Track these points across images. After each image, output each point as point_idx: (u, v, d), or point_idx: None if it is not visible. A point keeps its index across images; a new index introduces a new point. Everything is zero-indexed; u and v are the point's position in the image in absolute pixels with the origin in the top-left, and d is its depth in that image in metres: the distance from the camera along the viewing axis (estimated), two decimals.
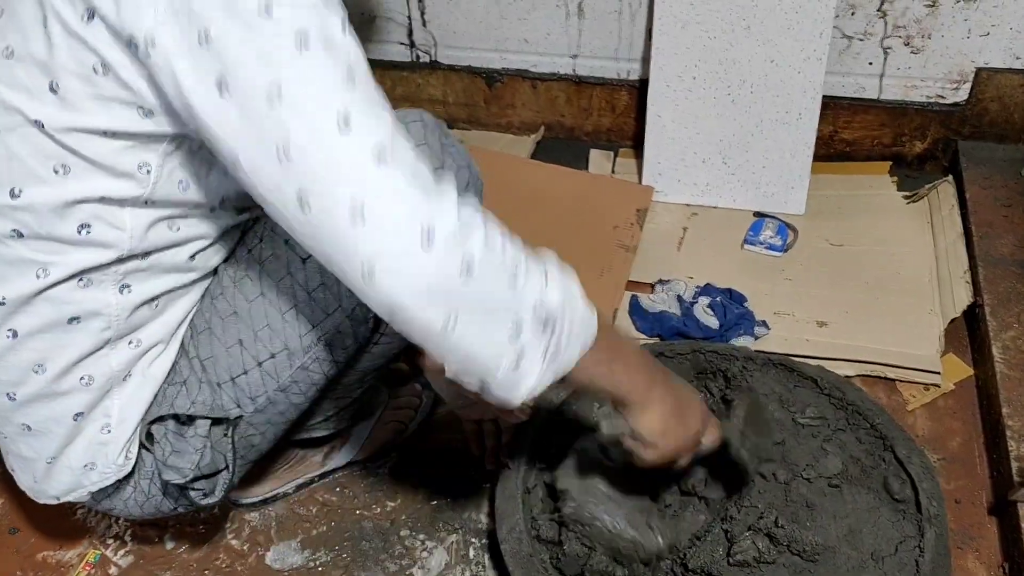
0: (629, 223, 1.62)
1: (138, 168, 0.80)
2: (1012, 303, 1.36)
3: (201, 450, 0.96)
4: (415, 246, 0.67)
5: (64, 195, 0.80)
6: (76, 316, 0.87)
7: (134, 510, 1.04)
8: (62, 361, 0.89)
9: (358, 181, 0.67)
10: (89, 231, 0.82)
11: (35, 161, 0.78)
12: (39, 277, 0.83)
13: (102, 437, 0.95)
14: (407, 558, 1.20)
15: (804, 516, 1.10)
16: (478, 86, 1.90)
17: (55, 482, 0.97)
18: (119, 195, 0.81)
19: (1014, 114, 1.63)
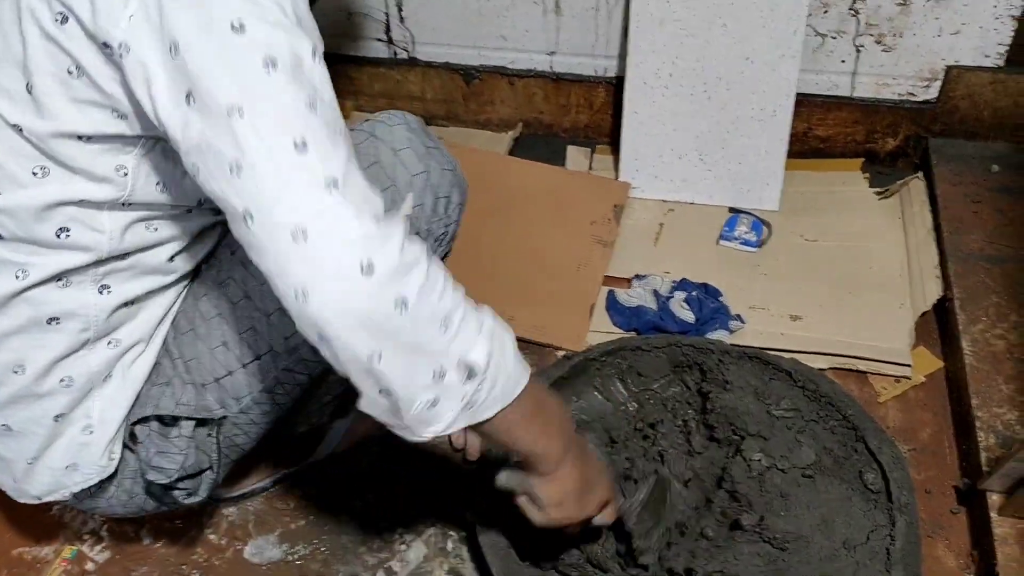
0: (606, 219, 1.63)
1: (115, 171, 0.81)
2: (981, 297, 1.39)
3: (186, 451, 0.96)
4: (353, 275, 0.67)
5: (43, 198, 0.80)
6: (55, 316, 0.87)
7: (117, 509, 1.04)
8: (41, 361, 0.88)
9: (305, 207, 0.67)
10: (68, 234, 0.82)
11: (14, 164, 0.78)
12: (18, 278, 0.83)
13: (84, 438, 0.95)
14: (386, 551, 1.20)
15: (778, 506, 1.12)
16: (456, 83, 1.90)
17: (36, 483, 0.97)
18: (97, 198, 0.81)
19: (983, 111, 1.65)
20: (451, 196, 0.99)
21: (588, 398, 1.29)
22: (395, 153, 0.95)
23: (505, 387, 0.77)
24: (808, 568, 1.07)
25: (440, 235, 0.99)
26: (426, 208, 0.96)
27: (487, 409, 0.76)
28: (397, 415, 0.75)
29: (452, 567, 1.18)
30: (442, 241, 1.00)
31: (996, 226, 1.50)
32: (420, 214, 0.96)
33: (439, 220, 0.98)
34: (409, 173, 0.95)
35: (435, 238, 0.98)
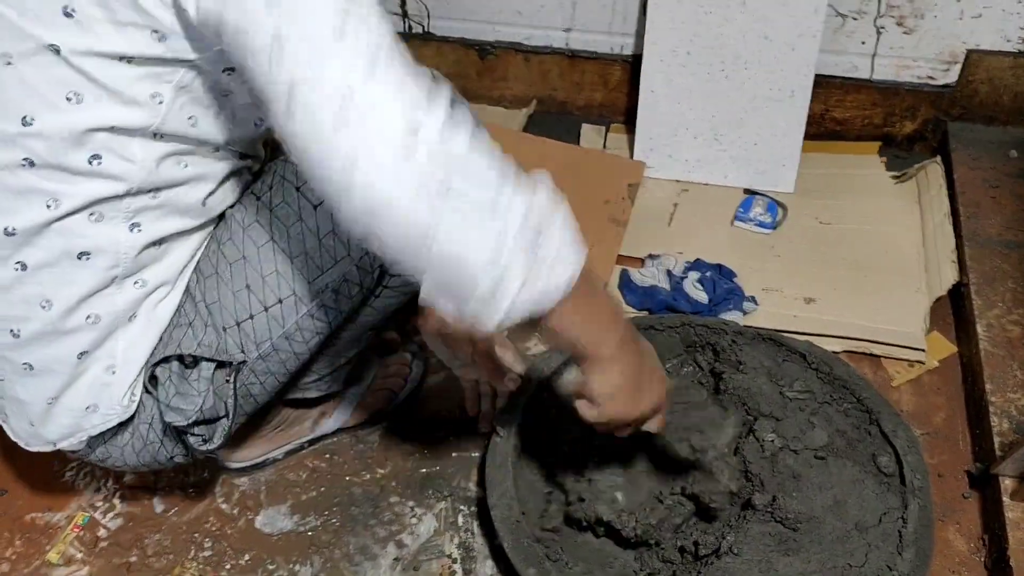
0: (620, 198, 1.62)
1: (151, 97, 0.81)
2: (997, 282, 1.38)
3: (204, 393, 0.97)
4: (398, 143, 0.66)
5: (76, 123, 0.80)
6: (86, 251, 0.87)
7: (130, 458, 1.04)
8: (69, 297, 0.89)
9: (348, 75, 0.66)
10: (100, 162, 0.82)
11: (48, 88, 0.78)
12: (49, 208, 0.83)
13: (106, 378, 0.95)
14: (396, 524, 1.21)
15: (790, 487, 1.12)
16: (471, 58, 1.89)
17: (53, 425, 0.97)
18: (130, 124, 0.82)
19: (1003, 96, 1.64)
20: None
21: None
22: None
23: (567, 255, 0.73)
24: (819, 549, 1.07)
25: None
26: None
27: (549, 282, 0.72)
28: (462, 298, 0.71)
29: (463, 541, 1.19)
30: None
31: (1014, 212, 1.49)
32: None
33: None
34: None
35: None
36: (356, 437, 1.31)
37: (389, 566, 1.17)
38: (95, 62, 0.77)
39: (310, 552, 1.18)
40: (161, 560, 1.18)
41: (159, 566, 1.18)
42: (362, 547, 1.19)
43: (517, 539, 1.05)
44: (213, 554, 1.19)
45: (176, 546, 1.20)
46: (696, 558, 1.08)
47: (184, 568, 1.17)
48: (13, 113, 0.79)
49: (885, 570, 1.01)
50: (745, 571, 1.05)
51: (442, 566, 1.16)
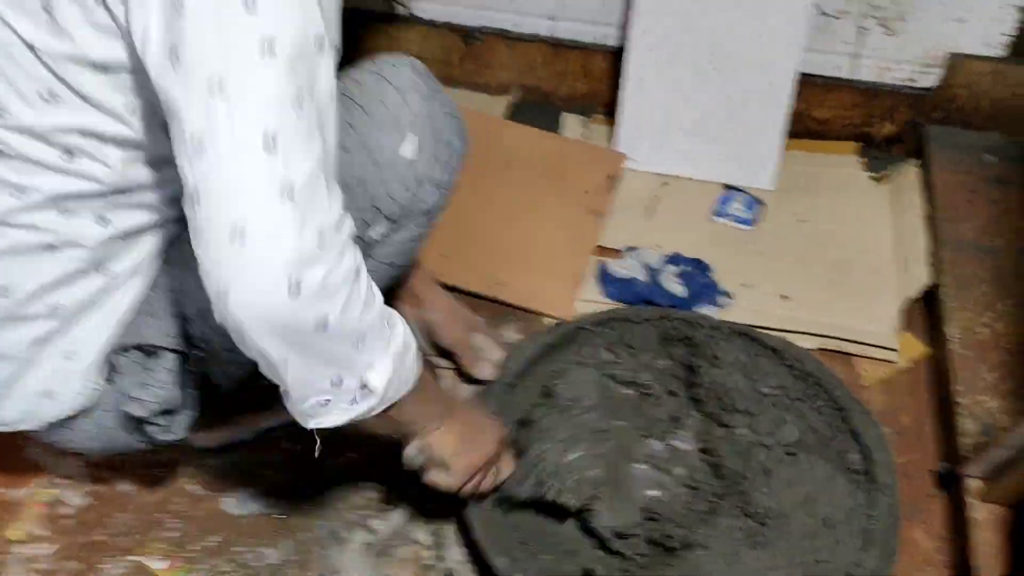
0: (600, 189, 1.62)
1: (125, 108, 0.79)
2: (971, 286, 1.40)
3: (165, 384, 0.95)
4: (279, 291, 0.68)
5: (50, 121, 0.78)
6: (52, 244, 0.85)
7: (84, 443, 1.02)
8: (30, 286, 0.87)
9: (252, 208, 0.67)
10: (72, 159, 0.81)
11: (23, 83, 0.76)
12: (14, 198, 0.81)
13: (62, 364, 0.94)
14: (368, 509, 1.20)
15: (760, 482, 1.13)
16: (455, 43, 1.87)
17: (7, 409, 0.95)
18: (104, 132, 0.80)
19: (982, 101, 1.65)
20: (452, 142, 0.98)
21: (574, 369, 1.28)
22: (400, 93, 0.94)
23: (396, 392, 0.83)
24: (787, 544, 1.08)
25: (439, 181, 0.97)
26: (427, 152, 0.95)
27: (374, 411, 0.83)
28: (289, 400, 0.81)
29: (434, 528, 1.19)
30: (440, 187, 0.99)
31: (989, 216, 1.51)
32: (420, 158, 0.94)
33: (440, 165, 0.97)
34: (412, 113, 0.94)
35: (434, 184, 0.97)
36: None
37: (359, 551, 1.16)
38: (71, 68, 0.75)
39: (279, 535, 1.18)
40: (126, 539, 1.17)
41: (124, 545, 1.16)
42: (332, 531, 1.18)
43: (488, 527, 1.05)
44: (180, 535, 1.18)
45: (142, 526, 1.18)
46: (666, 550, 1.09)
47: (149, 548, 1.16)
48: None
49: (852, 567, 1.02)
50: (713, 563, 1.06)
51: (412, 552, 1.16)
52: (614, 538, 1.11)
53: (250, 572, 1.14)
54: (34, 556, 1.15)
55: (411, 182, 0.95)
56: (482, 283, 1.48)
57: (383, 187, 0.93)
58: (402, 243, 0.99)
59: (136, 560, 1.15)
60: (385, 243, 0.98)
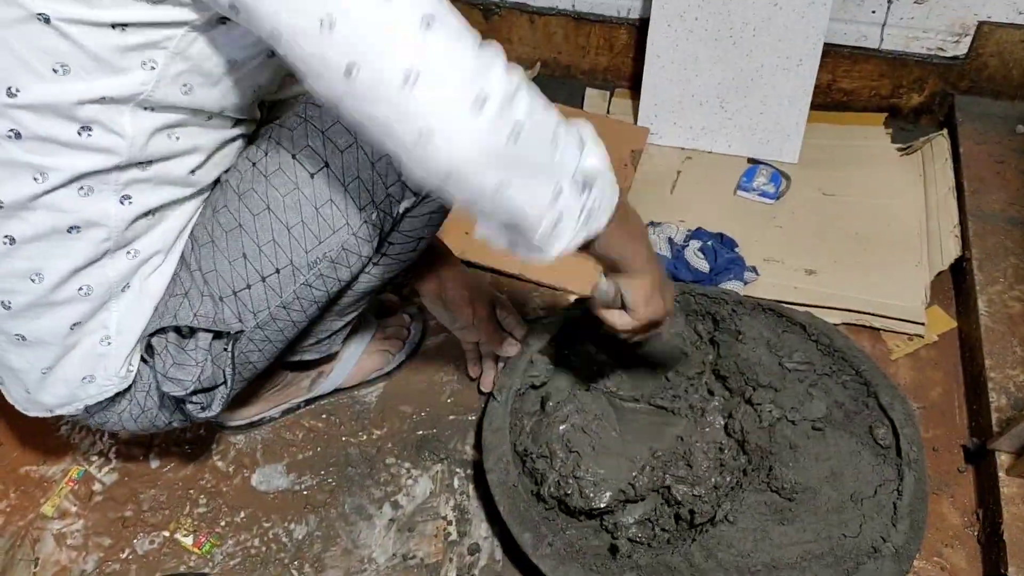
0: (623, 164, 1.61)
1: (142, 64, 0.78)
2: (999, 258, 1.38)
3: (202, 363, 0.96)
4: (468, 112, 0.68)
5: (64, 95, 0.77)
6: (76, 225, 0.85)
7: (128, 424, 1.03)
8: (60, 270, 0.87)
9: (408, 48, 0.67)
10: (89, 134, 0.80)
11: (35, 59, 0.75)
12: (37, 181, 0.81)
13: (101, 349, 0.94)
14: (392, 485, 1.21)
15: (787, 457, 1.12)
16: (475, 19, 1.86)
17: (49, 394, 0.96)
18: (120, 94, 0.79)
19: (1013, 70, 1.62)
20: None
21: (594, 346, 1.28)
22: None
23: (610, 196, 0.81)
24: (814, 519, 1.08)
25: None
26: None
27: (599, 220, 0.81)
28: (521, 240, 0.79)
29: (458, 503, 1.19)
30: None
31: (1019, 187, 1.48)
32: None
33: None
34: None
35: None
36: (353, 398, 1.31)
37: (384, 526, 1.17)
38: (86, 30, 0.74)
39: (305, 511, 1.19)
40: (156, 515, 1.18)
41: (154, 521, 1.18)
42: (358, 507, 1.19)
43: (513, 503, 1.05)
44: (208, 511, 1.19)
45: (171, 502, 1.20)
46: (691, 526, 1.08)
47: (179, 524, 1.18)
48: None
49: (879, 541, 1.02)
50: (740, 539, 1.06)
51: (437, 527, 1.17)
52: (635, 528, 1.11)
53: (278, 547, 1.15)
54: (66, 532, 1.17)
55: None
56: (505, 260, 1.48)
57: None
58: (427, 216, 0.99)
59: (166, 535, 1.17)
60: (411, 216, 0.98)
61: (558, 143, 0.75)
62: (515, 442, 1.14)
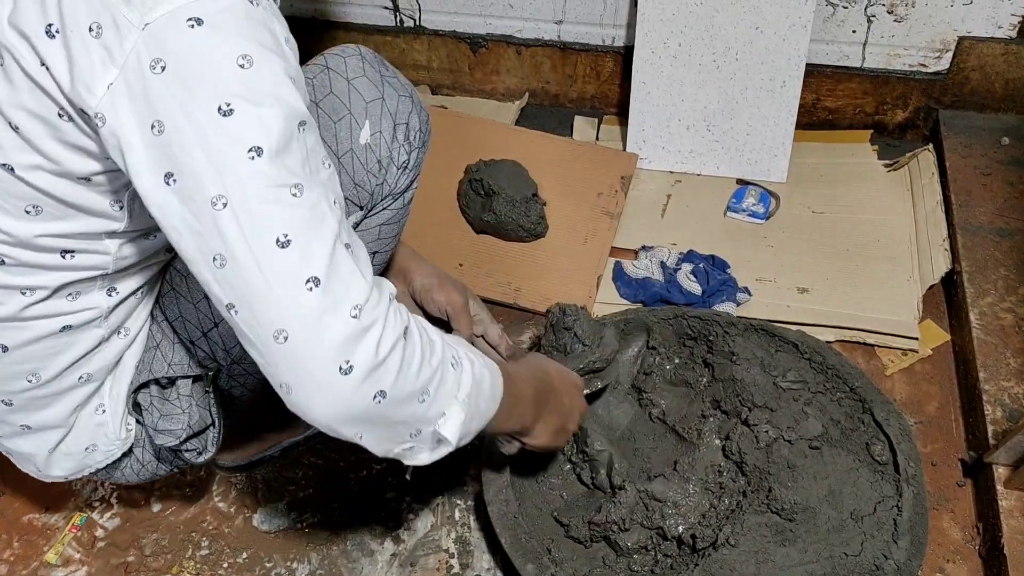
0: (613, 190, 1.62)
1: (111, 206, 0.80)
2: (989, 270, 1.38)
3: (188, 410, 0.97)
4: (332, 378, 0.68)
5: (42, 231, 0.78)
6: (68, 325, 0.87)
7: (131, 478, 1.06)
8: (58, 366, 0.90)
9: (286, 309, 0.67)
10: (73, 256, 0.82)
11: (7, 201, 0.76)
12: (25, 295, 0.83)
13: (98, 418, 0.97)
14: (393, 520, 1.21)
15: (785, 477, 1.12)
16: (462, 51, 1.88)
17: (58, 468, 1.00)
18: (96, 230, 0.81)
19: (995, 83, 1.64)
20: (410, 122, 0.98)
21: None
22: (349, 82, 0.94)
23: (478, 424, 0.83)
24: (815, 538, 1.08)
25: (403, 163, 0.98)
26: (385, 135, 0.96)
27: (459, 441, 0.81)
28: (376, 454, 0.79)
29: (459, 536, 1.19)
30: (406, 169, 0.99)
31: (1006, 199, 1.50)
32: (380, 141, 0.95)
33: (400, 147, 0.97)
34: (364, 100, 0.95)
35: (398, 166, 0.98)
36: None
37: (386, 562, 1.17)
38: (51, 180, 0.75)
39: (308, 549, 1.19)
40: (159, 559, 1.19)
41: (157, 565, 1.18)
42: (360, 543, 1.19)
43: (515, 535, 1.05)
44: (211, 553, 1.19)
45: (174, 545, 1.20)
46: (693, 551, 1.09)
47: (182, 567, 1.18)
48: None
49: (881, 559, 1.02)
50: (742, 562, 1.06)
51: (439, 561, 1.17)
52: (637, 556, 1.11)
53: None
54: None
55: (374, 167, 0.95)
56: (499, 290, 1.49)
57: (348, 177, 0.94)
58: (378, 228, 1.01)
59: None
60: (361, 231, 0.99)
61: (426, 396, 0.75)
62: None
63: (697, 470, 1.17)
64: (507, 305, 1.48)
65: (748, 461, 1.15)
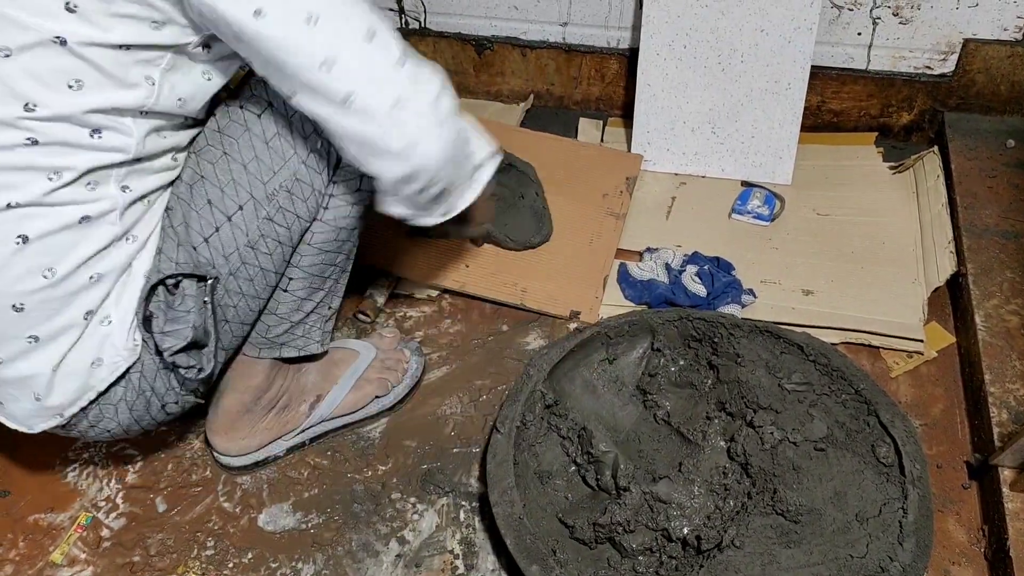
0: (618, 191, 1.62)
1: (144, 79, 0.89)
2: (995, 272, 1.38)
3: (192, 311, 1.02)
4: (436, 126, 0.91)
5: (79, 106, 0.86)
6: (87, 215, 0.92)
7: (123, 415, 1.06)
8: (72, 262, 0.93)
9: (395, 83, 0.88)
10: (100, 136, 0.89)
11: (51, 77, 0.84)
12: (51, 180, 0.88)
13: (104, 329, 0.99)
14: (398, 520, 1.21)
15: (791, 479, 1.13)
16: (468, 53, 1.89)
17: (60, 392, 0.99)
18: (127, 104, 0.89)
19: (1000, 86, 1.64)
20: None
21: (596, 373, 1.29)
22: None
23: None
24: (820, 540, 1.08)
25: None
26: None
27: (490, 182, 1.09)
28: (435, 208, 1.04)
29: (464, 536, 1.19)
30: None
31: (1011, 201, 1.49)
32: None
33: None
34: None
35: None
36: (357, 434, 1.32)
37: (391, 563, 1.17)
38: (97, 51, 0.84)
39: (312, 550, 1.19)
40: (164, 559, 1.19)
41: (162, 565, 1.18)
42: (364, 544, 1.19)
43: (520, 536, 1.05)
44: (216, 553, 1.19)
45: (179, 545, 1.20)
46: (698, 552, 1.09)
47: (187, 567, 1.18)
48: (16, 100, 0.84)
49: (886, 560, 1.02)
50: (747, 564, 1.06)
51: (444, 562, 1.17)
52: (642, 558, 1.11)
53: None
54: None
55: None
56: (506, 290, 1.49)
57: None
58: None
59: None
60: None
61: (470, 138, 1.01)
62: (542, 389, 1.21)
63: (702, 472, 1.17)
64: (513, 306, 1.48)
65: (753, 463, 1.15)
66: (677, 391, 1.28)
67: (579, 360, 1.27)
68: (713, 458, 1.19)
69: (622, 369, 1.30)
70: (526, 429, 1.18)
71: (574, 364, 1.26)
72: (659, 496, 1.13)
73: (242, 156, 1.00)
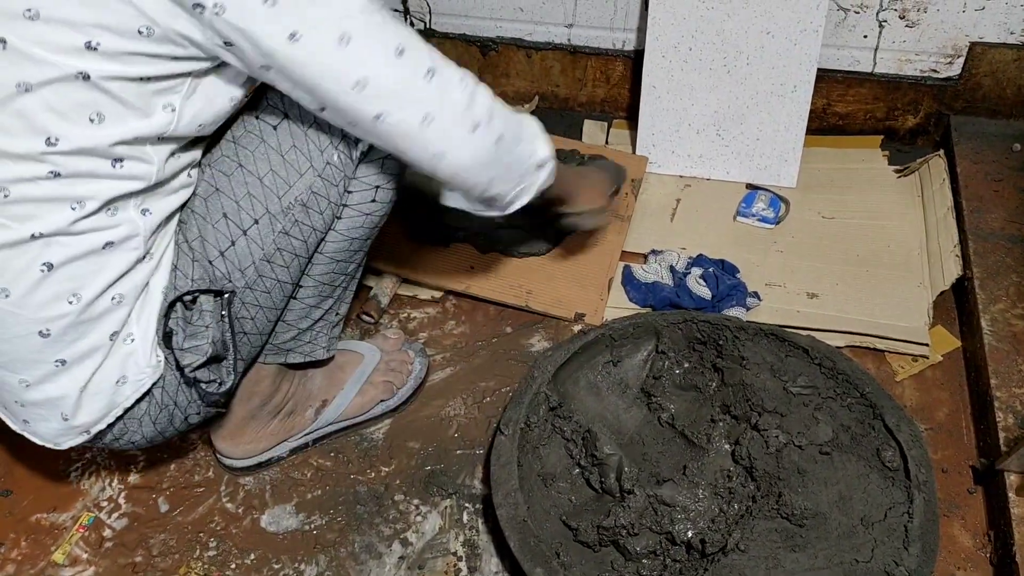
0: (624, 193, 1.62)
1: (163, 108, 0.88)
2: (1001, 276, 1.38)
3: (210, 326, 1.01)
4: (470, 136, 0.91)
5: (101, 139, 0.85)
6: (110, 241, 0.91)
7: (146, 428, 1.05)
8: (97, 286, 0.92)
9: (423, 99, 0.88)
10: (122, 165, 0.88)
11: (72, 111, 0.83)
12: (74, 209, 0.87)
13: (127, 348, 0.98)
14: (401, 522, 1.21)
15: (795, 482, 1.12)
16: (472, 55, 1.88)
17: (87, 412, 0.98)
18: (147, 133, 0.88)
19: (1007, 89, 1.63)
20: None
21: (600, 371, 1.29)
22: None
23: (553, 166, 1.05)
24: (825, 544, 1.07)
25: None
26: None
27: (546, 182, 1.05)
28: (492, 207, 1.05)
29: (467, 539, 1.19)
30: None
31: (1017, 205, 1.49)
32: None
33: None
34: None
35: None
36: (361, 435, 1.32)
37: (394, 564, 1.17)
38: (119, 84, 0.84)
39: (315, 551, 1.19)
40: (166, 560, 1.18)
41: (164, 566, 1.18)
42: (367, 546, 1.19)
43: (524, 538, 1.05)
44: (218, 553, 1.19)
45: (181, 546, 1.20)
46: (703, 556, 1.08)
47: (189, 568, 1.17)
48: (37, 135, 0.83)
49: (892, 565, 1.01)
50: (752, 568, 1.05)
51: (447, 564, 1.17)
52: (646, 561, 1.11)
53: None
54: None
55: None
56: (511, 293, 1.49)
57: None
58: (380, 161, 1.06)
59: None
60: (367, 163, 1.03)
61: (522, 139, 0.98)
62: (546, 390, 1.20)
63: (706, 475, 1.17)
64: (519, 308, 1.48)
65: (758, 466, 1.14)
66: (681, 394, 1.27)
67: (583, 362, 1.27)
68: (718, 461, 1.19)
69: (626, 371, 1.29)
70: (530, 431, 1.18)
71: (578, 366, 1.26)
72: (663, 499, 1.13)
73: (258, 169, 0.99)
